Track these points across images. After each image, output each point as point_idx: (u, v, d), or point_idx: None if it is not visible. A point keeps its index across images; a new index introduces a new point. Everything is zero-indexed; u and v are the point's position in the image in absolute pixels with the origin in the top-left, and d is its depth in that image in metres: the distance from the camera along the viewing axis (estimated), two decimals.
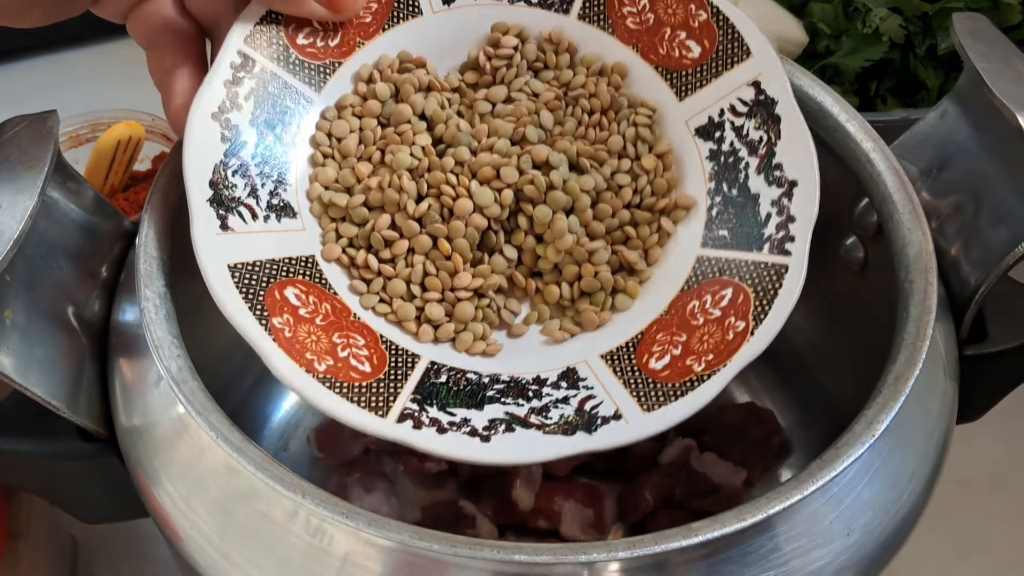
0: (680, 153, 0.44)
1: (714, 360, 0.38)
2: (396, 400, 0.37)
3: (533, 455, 0.36)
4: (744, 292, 0.39)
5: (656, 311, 0.41)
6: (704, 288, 0.41)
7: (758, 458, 0.53)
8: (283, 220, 0.41)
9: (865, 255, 0.47)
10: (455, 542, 0.31)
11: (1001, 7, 0.68)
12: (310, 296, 0.40)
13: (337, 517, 0.32)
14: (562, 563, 0.32)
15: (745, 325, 0.38)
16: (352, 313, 0.40)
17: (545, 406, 0.38)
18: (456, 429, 0.37)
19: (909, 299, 0.39)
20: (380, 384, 0.38)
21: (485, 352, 0.41)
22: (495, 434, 0.37)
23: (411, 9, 0.45)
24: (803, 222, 0.40)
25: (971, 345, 0.42)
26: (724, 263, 0.41)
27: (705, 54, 0.44)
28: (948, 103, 0.45)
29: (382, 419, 0.37)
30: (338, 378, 0.37)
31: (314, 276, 0.40)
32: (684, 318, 0.40)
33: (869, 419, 0.35)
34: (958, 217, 0.43)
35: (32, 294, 0.39)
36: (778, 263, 0.39)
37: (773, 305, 0.38)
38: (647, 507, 0.50)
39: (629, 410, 0.38)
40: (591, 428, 0.37)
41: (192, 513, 0.37)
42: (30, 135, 0.39)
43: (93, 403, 0.41)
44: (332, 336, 0.39)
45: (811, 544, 0.35)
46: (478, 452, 0.36)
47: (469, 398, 0.39)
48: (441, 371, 0.40)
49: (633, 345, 0.40)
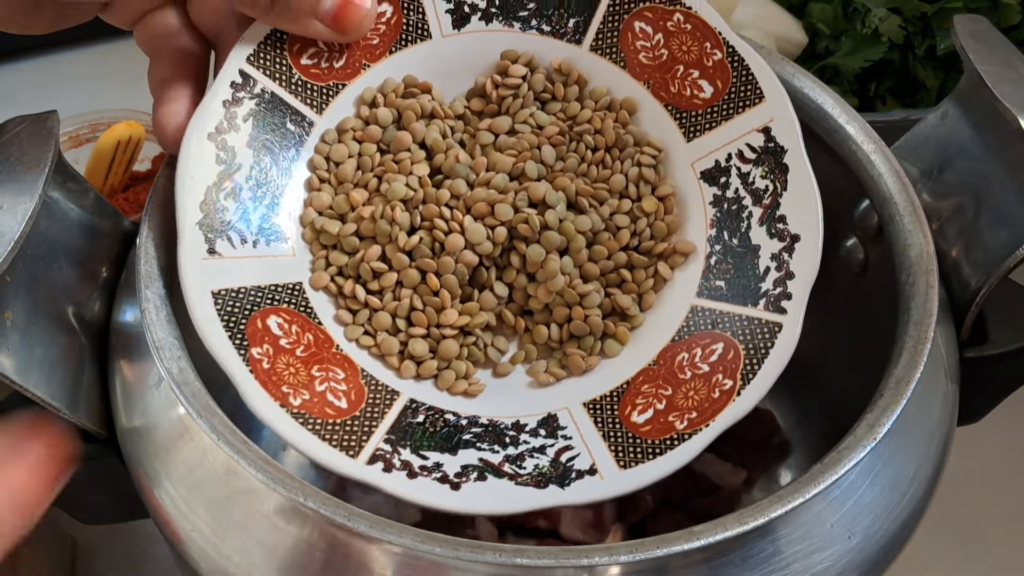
0: (683, 196, 0.43)
1: (697, 419, 0.37)
2: (369, 440, 0.37)
3: (503, 506, 0.36)
4: (735, 348, 0.39)
5: (645, 360, 0.40)
6: (695, 340, 0.40)
7: (758, 458, 0.53)
8: (272, 245, 0.41)
9: (865, 257, 0.47)
10: (457, 545, 0.31)
11: (1001, 7, 0.68)
12: (293, 325, 0.39)
13: (338, 519, 0.32)
14: (564, 566, 0.32)
15: (732, 384, 0.38)
16: (335, 344, 0.40)
17: (520, 454, 0.38)
18: (427, 474, 0.36)
19: (910, 301, 0.39)
20: (355, 421, 0.37)
21: (467, 392, 0.40)
22: (466, 482, 0.36)
23: (420, 32, 0.45)
24: (802, 280, 0.39)
25: (972, 347, 0.42)
26: (718, 315, 0.40)
27: (717, 95, 0.43)
28: (949, 105, 0.45)
29: (352, 460, 0.36)
30: (312, 414, 0.37)
31: (299, 304, 0.40)
32: (672, 370, 0.39)
33: (871, 422, 0.35)
34: (959, 219, 0.43)
35: (32, 295, 0.39)
36: (772, 321, 0.39)
37: (763, 365, 0.38)
38: (647, 507, 0.50)
39: (605, 465, 0.37)
40: (564, 482, 0.36)
41: (192, 514, 0.37)
42: (30, 135, 0.39)
43: (93, 404, 0.40)
44: (311, 369, 0.38)
45: (813, 547, 0.35)
46: (447, 500, 0.35)
47: (444, 441, 0.38)
48: (419, 410, 0.39)
49: (618, 395, 0.39)
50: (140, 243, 0.39)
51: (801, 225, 0.40)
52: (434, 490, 0.36)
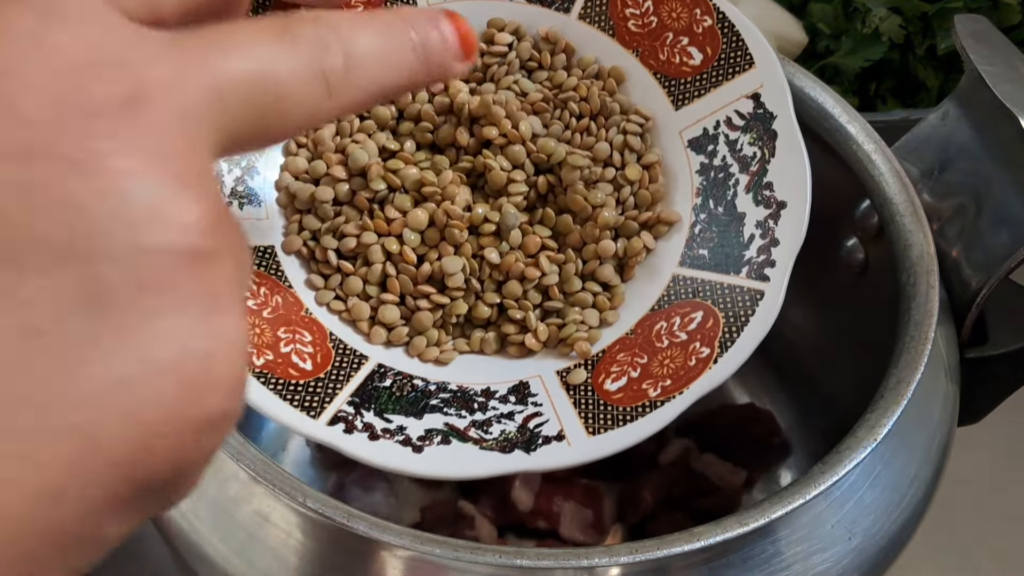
0: (670, 165, 0.42)
1: (671, 386, 0.36)
2: (332, 401, 0.36)
3: (466, 470, 0.35)
4: (715, 316, 0.38)
5: (622, 330, 0.39)
6: (674, 309, 0.39)
7: (758, 458, 0.53)
8: (246, 209, 0.40)
9: (866, 257, 0.47)
10: (457, 547, 0.31)
11: (1001, 7, 0.68)
12: (262, 288, 0.38)
13: (338, 520, 0.32)
14: (564, 567, 0.32)
15: (709, 352, 0.36)
16: (304, 308, 0.39)
17: (488, 420, 0.37)
18: (389, 436, 0.35)
19: (911, 302, 0.39)
20: (319, 383, 0.36)
21: (438, 360, 0.39)
22: (429, 445, 0.35)
23: (406, 0, 0.44)
24: (787, 247, 0.38)
25: (972, 348, 0.42)
26: (699, 284, 0.39)
27: (707, 62, 0.42)
28: (949, 105, 0.45)
29: (313, 420, 0.35)
30: (275, 373, 0.36)
31: (270, 267, 0.39)
32: (648, 339, 0.39)
33: (871, 423, 0.35)
34: (959, 219, 0.43)
35: None
36: (754, 288, 0.38)
37: (742, 333, 0.36)
38: (646, 508, 0.50)
39: (573, 432, 0.36)
40: (530, 447, 0.36)
41: (192, 515, 0.37)
42: None
43: None
44: (278, 330, 0.38)
45: (813, 548, 0.35)
46: (408, 463, 0.35)
47: (410, 405, 0.37)
48: (387, 375, 0.38)
49: (592, 363, 0.39)
50: None
51: (788, 192, 0.39)
52: (395, 453, 0.35)
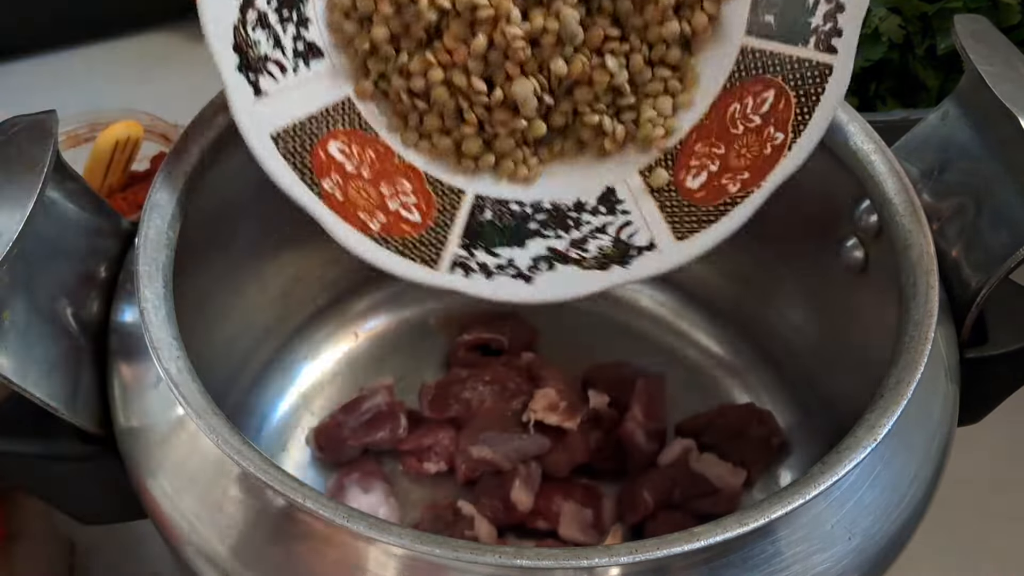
0: None
1: (749, 179, 0.38)
2: (446, 247, 0.39)
3: (573, 291, 0.39)
4: (786, 96, 0.39)
5: (697, 114, 0.41)
6: (746, 88, 0.40)
7: (757, 459, 0.53)
8: (312, 64, 0.41)
9: (866, 257, 0.47)
10: (456, 547, 0.31)
11: (1000, 7, 0.68)
12: (353, 145, 0.41)
13: (337, 520, 0.32)
14: (563, 567, 0.31)
15: (783, 138, 0.38)
16: (396, 155, 0.41)
17: (584, 237, 0.40)
18: (502, 271, 0.39)
19: (910, 302, 0.39)
20: (431, 233, 0.40)
21: (527, 178, 0.42)
22: (538, 274, 0.39)
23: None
24: (852, 13, 0.38)
25: (972, 348, 0.42)
26: (768, 58, 0.40)
27: None
28: (949, 105, 0.45)
29: (434, 271, 0.39)
30: (392, 234, 0.39)
31: (353, 122, 0.41)
32: (724, 125, 0.40)
33: (871, 423, 0.35)
34: (959, 219, 0.43)
35: (31, 295, 0.39)
36: (823, 62, 0.39)
37: (814, 114, 0.38)
38: (646, 508, 0.50)
39: (662, 238, 0.39)
40: (625, 261, 0.39)
41: (191, 514, 0.37)
42: (29, 135, 0.39)
43: (92, 404, 0.40)
44: (380, 187, 0.40)
45: (813, 549, 0.35)
46: (523, 293, 0.39)
47: (513, 234, 0.40)
48: (486, 207, 0.41)
49: (671, 159, 0.41)
50: (139, 243, 0.39)
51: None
52: (511, 286, 0.39)
